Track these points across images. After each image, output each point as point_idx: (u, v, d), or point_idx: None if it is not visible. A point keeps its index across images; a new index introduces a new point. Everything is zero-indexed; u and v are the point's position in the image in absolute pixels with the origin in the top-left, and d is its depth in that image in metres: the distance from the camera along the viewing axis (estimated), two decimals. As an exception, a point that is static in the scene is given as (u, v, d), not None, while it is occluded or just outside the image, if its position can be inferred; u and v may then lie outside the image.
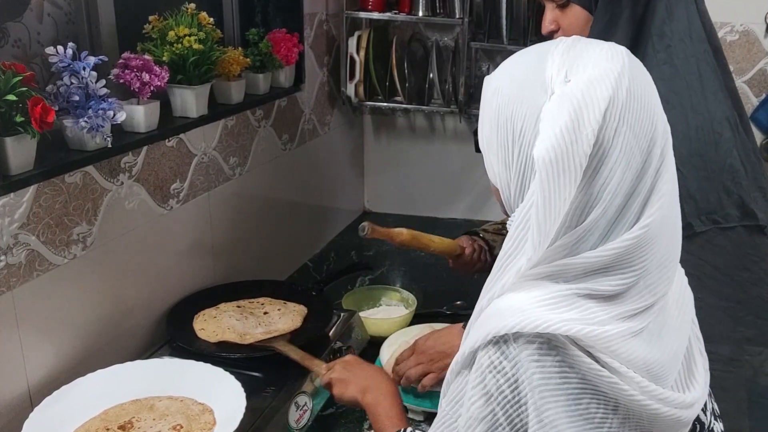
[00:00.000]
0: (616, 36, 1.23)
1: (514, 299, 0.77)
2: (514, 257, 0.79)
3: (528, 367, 0.75)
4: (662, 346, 0.79)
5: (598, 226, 0.75)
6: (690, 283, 0.92)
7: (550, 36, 1.31)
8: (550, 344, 0.74)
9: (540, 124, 0.75)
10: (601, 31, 1.24)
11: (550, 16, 1.32)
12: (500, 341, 0.76)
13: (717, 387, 1.20)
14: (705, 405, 0.93)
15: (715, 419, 0.96)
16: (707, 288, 1.21)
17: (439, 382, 1.36)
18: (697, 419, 0.91)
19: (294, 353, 1.39)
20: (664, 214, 0.77)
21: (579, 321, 0.74)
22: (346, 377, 1.22)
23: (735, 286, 1.26)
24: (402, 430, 1.09)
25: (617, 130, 0.73)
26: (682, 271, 0.89)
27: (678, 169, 0.80)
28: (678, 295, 0.85)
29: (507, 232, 0.81)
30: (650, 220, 0.75)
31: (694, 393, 0.84)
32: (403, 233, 1.53)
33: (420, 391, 1.38)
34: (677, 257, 0.83)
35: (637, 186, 0.75)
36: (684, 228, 1.20)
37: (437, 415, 0.87)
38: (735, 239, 1.25)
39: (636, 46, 1.25)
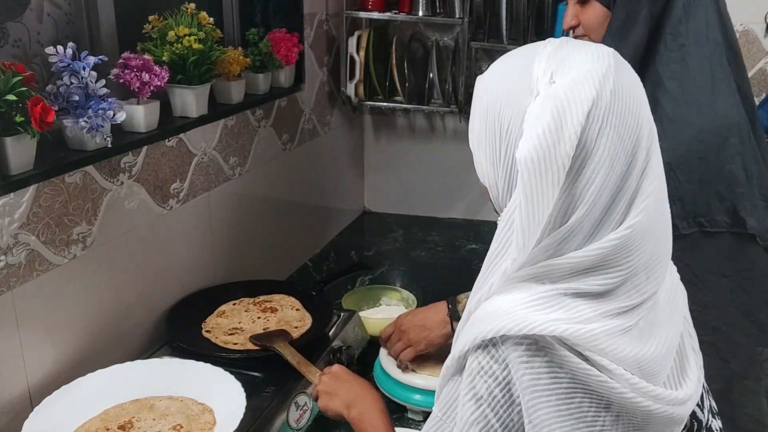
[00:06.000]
0: (633, 33, 1.24)
1: (500, 302, 0.78)
2: (500, 258, 0.79)
3: (518, 369, 0.75)
4: (653, 343, 0.79)
5: (583, 227, 0.75)
6: None
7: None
8: (537, 345, 0.75)
9: (524, 124, 0.76)
10: (618, 28, 1.25)
11: (572, 12, 1.34)
12: (489, 345, 0.76)
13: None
14: (702, 402, 0.93)
15: (713, 417, 0.96)
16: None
17: (419, 357, 1.44)
18: (695, 417, 0.91)
19: (291, 357, 1.38)
20: (650, 214, 0.77)
21: (564, 321, 0.74)
22: (333, 390, 1.20)
23: (708, 293, 1.25)
24: None
25: (600, 132, 0.73)
26: (674, 268, 0.89)
27: (671, 169, 0.80)
28: (669, 291, 0.85)
29: None
30: (636, 220, 0.75)
31: (687, 390, 0.84)
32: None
33: (401, 368, 1.43)
34: (667, 256, 0.83)
35: (622, 187, 0.75)
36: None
37: (428, 419, 0.88)
38: (718, 245, 1.24)
39: (651, 44, 1.25)
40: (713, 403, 0.98)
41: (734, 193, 1.24)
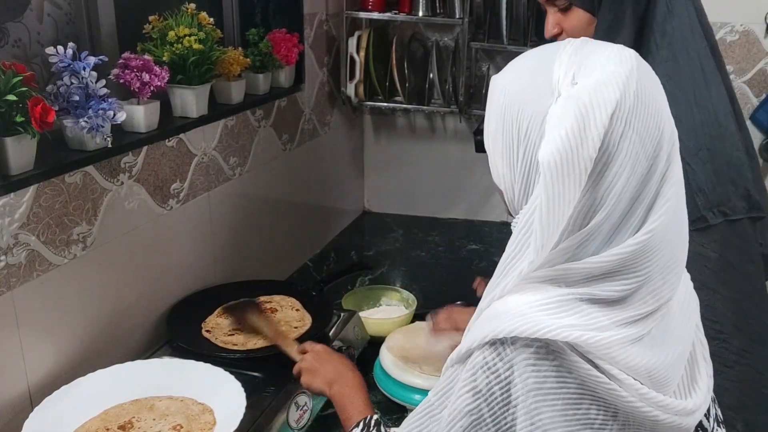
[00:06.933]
0: (621, 34, 1.24)
1: (513, 302, 0.77)
2: (516, 260, 0.78)
3: (523, 371, 0.75)
4: (665, 351, 0.78)
5: (601, 231, 0.74)
6: (708, 276, 0.91)
7: (552, 39, 1.31)
8: (547, 349, 0.74)
9: (545, 126, 0.75)
10: (606, 30, 1.25)
11: (553, 20, 1.32)
12: (497, 343, 0.76)
13: (732, 380, 1.19)
14: (708, 410, 0.93)
15: (718, 425, 0.96)
16: (723, 281, 1.21)
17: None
18: (700, 425, 0.90)
19: (267, 327, 1.39)
20: (669, 219, 0.76)
21: (578, 327, 0.73)
22: (315, 368, 1.24)
23: (743, 279, 1.26)
24: (368, 417, 1.10)
25: (623, 135, 0.73)
26: (688, 275, 0.88)
27: (687, 162, 0.79)
28: (683, 299, 0.84)
29: None
30: (655, 225, 0.75)
31: (696, 400, 0.84)
32: None
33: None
34: (683, 262, 0.82)
35: (642, 191, 0.74)
36: (698, 221, 1.21)
37: (421, 402, 0.87)
38: (741, 232, 1.25)
39: (639, 44, 1.25)
40: (719, 412, 0.97)
41: (745, 179, 1.25)
